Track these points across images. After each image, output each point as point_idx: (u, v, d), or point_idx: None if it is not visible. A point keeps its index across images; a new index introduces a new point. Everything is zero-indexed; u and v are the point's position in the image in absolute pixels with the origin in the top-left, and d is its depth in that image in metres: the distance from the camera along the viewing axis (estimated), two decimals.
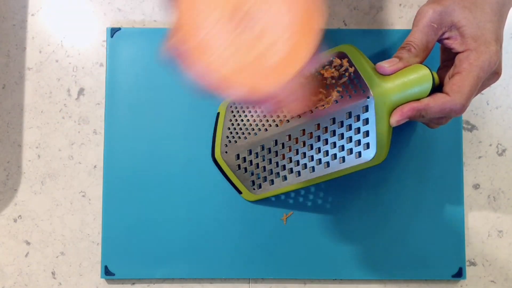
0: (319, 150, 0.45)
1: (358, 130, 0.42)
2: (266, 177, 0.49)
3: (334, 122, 0.44)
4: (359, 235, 0.53)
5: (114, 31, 0.55)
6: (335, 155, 0.44)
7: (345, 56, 0.43)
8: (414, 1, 0.56)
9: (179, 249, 0.53)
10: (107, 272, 0.53)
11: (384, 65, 0.41)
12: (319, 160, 0.45)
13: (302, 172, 0.46)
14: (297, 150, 0.46)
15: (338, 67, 0.43)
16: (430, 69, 0.40)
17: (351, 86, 0.42)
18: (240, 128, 0.50)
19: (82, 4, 0.56)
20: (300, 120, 0.45)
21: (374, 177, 0.53)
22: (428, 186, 0.53)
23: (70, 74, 0.56)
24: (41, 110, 0.55)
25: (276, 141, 0.47)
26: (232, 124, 0.51)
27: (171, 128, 0.54)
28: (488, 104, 0.55)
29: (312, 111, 0.44)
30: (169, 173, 0.53)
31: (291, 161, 0.47)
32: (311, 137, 0.45)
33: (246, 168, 0.50)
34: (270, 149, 0.48)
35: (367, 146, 0.42)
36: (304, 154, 0.46)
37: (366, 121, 0.42)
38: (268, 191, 0.50)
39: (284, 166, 0.48)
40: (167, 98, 0.54)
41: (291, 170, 0.47)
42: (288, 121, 0.45)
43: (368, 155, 0.42)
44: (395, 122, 0.41)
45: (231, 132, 0.51)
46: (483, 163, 0.55)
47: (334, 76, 0.43)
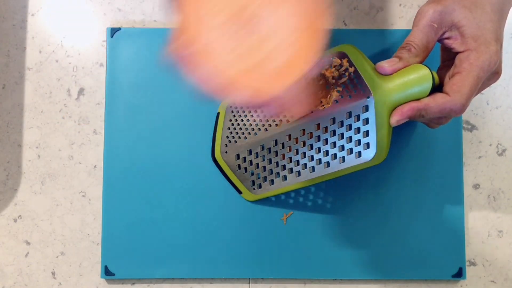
0: (319, 150, 0.45)
1: (358, 130, 0.42)
2: (266, 177, 0.49)
3: (334, 122, 0.44)
4: (359, 235, 0.53)
5: (114, 31, 0.55)
6: (335, 155, 0.44)
7: (345, 56, 0.43)
8: (414, 1, 0.56)
9: (179, 249, 0.53)
10: (107, 272, 0.53)
11: (384, 65, 0.41)
12: (319, 160, 0.45)
13: (302, 172, 0.46)
14: (297, 150, 0.46)
15: (338, 67, 0.43)
16: (430, 69, 0.40)
17: (351, 86, 0.42)
18: (240, 128, 0.50)
19: (82, 4, 0.56)
20: (300, 120, 0.45)
21: (374, 177, 0.53)
22: (428, 186, 0.53)
23: (70, 74, 0.56)
24: (41, 110, 0.55)
25: (276, 141, 0.47)
26: (232, 124, 0.51)
27: (171, 128, 0.54)
28: (488, 104, 0.55)
29: (312, 111, 0.44)
30: (169, 173, 0.53)
31: (291, 161, 0.47)
32: (311, 137, 0.45)
33: (246, 168, 0.50)
34: (270, 149, 0.48)
35: (367, 146, 0.42)
36: (304, 154, 0.46)
37: (366, 121, 0.42)
38: (268, 191, 0.50)
39: (284, 166, 0.48)
40: (167, 98, 0.54)
41: (291, 170, 0.47)
42: (288, 121, 0.45)
43: (368, 155, 0.42)
44: (395, 122, 0.41)
45: (231, 132, 0.51)
46: (483, 163, 0.55)
47: (334, 76, 0.43)
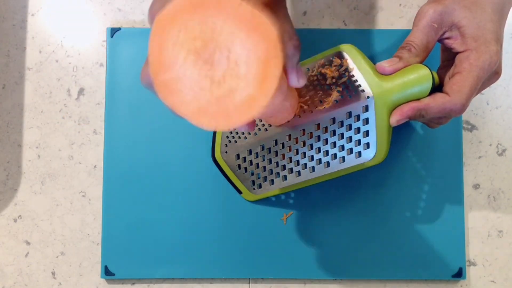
0: (319, 150, 0.45)
1: (358, 130, 0.42)
2: (266, 177, 0.49)
3: (334, 122, 0.44)
4: (359, 235, 0.53)
5: (114, 31, 0.55)
6: (335, 155, 0.44)
7: (345, 56, 0.43)
8: (414, 1, 0.56)
9: (179, 249, 0.53)
10: (107, 272, 0.53)
11: (384, 64, 0.41)
12: (319, 160, 0.45)
13: (302, 172, 0.46)
14: (297, 150, 0.46)
15: (338, 67, 0.43)
16: (430, 68, 0.40)
17: (351, 86, 0.42)
18: None
19: (82, 4, 0.56)
20: (300, 120, 0.45)
21: (374, 177, 0.53)
22: (428, 186, 0.53)
23: (70, 74, 0.56)
24: (41, 110, 0.55)
25: (276, 141, 0.47)
26: None
27: (171, 128, 0.54)
28: (488, 104, 0.55)
29: (312, 111, 0.44)
30: (169, 173, 0.53)
31: (291, 161, 0.47)
32: (311, 137, 0.45)
33: (246, 168, 0.50)
34: (270, 149, 0.48)
35: (367, 146, 0.42)
36: (304, 154, 0.46)
37: (366, 121, 0.42)
38: (268, 191, 0.50)
39: (284, 166, 0.48)
40: None
41: (291, 170, 0.47)
42: (288, 121, 0.45)
43: (368, 155, 0.42)
44: (395, 122, 0.41)
45: (231, 132, 0.51)
46: (483, 163, 0.55)
47: (334, 76, 0.43)
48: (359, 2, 0.56)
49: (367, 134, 0.42)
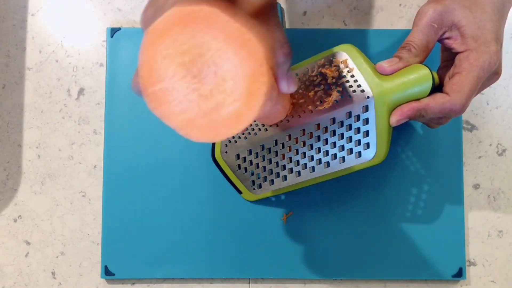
0: (319, 150, 0.45)
1: (358, 130, 0.42)
2: (266, 177, 0.49)
3: (334, 122, 0.44)
4: (359, 235, 0.53)
5: (114, 31, 0.55)
6: (335, 155, 0.44)
7: (345, 56, 0.43)
8: (414, 1, 0.56)
9: (179, 249, 0.53)
10: (107, 272, 0.53)
11: (384, 64, 0.41)
12: (319, 160, 0.45)
13: (302, 172, 0.46)
14: (297, 150, 0.46)
15: (338, 67, 0.43)
16: (430, 69, 0.40)
17: (351, 86, 0.42)
18: None
19: (82, 4, 0.56)
20: (300, 120, 0.45)
21: (374, 177, 0.53)
22: (428, 186, 0.53)
23: (70, 74, 0.56)
24: (41, 110, 0.55)
25: (276, 141, 0.47)
26: None
27: (171, 128, 0.54)
28: (488, 104, 0.55)
29: (312, 111, 0.44)
30: (169, 173, 0.53)
31: (291, 161, 0.47)
32: (311, 137, 0.45)
33: (246, 168, 0.50)
34: (270, 149, 0.48)
35: (367, 146, 0.42)
36: (304, 154, 0.46)
37: (366, 121, 0.42)
38: (268, 191, 0.50)
39: (284, 166, 0.48)
40: None
41: (291, 170, 0.47)
42: (288, 121, 0.46)
43: (368, 155, 0.42)
44: (395, 122, 0.41)
45: None
46: (483, 163, 0.55)
47: (334, 76, 0.43)
48: (359, 2, 0.56)
49: (367, 134, 0.42)
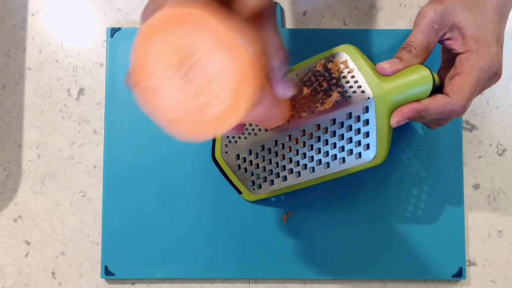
0: (319, 150, 0.45)
1: (358, 131, 0.42)
2: (266, 177, 0.49)
3: (334, 123, 0.43)
4: (359, 235, 0.53)
5: (114, 31, 0.55)
6: (335, 155, 0.44)
7: (345, 56, 0.43)
8: (414, 1, 0.56)
9: (179, 249, 0.53)
10: (107, 272, 0.53)
11: (385, 65, 0.41)
12: (319, 161, 0.45)
13: (302, 172, 0.46)
14: (297, 151, 0.46)
15: (339, 67, 0.43)
16: (430, 70, 0.40)
17: (351, 86, 0.42)
18: None
19: (82, 4, 0.56)
20: (300, 120, 0.45)
21: (374, 176, 0.53)
22: (428, 186, 0.53)
23: (70, 74, 0.56)
24: (41, 110, 0.55)
25: (276, 141, 0.47)
26: None
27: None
28: (488, 104, 0.55)
29: (312, 112, 0.44)
30: (169, 173, 0.53)
31: (291, 161, 0.47)
32: (311, 137, 0.45)
33: (246, 168, 0.50)
34: (270, 149, 0.48)
35: (367, 147, 0.42)
36: (304, 154, 0.46)
37: (366, 122, 0.42)
38: (268, 191, 0.50)
39: (284, 167, 0.47)
40: None
41: (291, 171, 0.47)
42: (288, 121, 0.45)
43: (368, 156, 0.42)
44: (395, 123, 0.41)
45: None
46: (483, 163, 0.55)
47: (334, 76, 0.43)
48: (359, 2, 0.56)
49: (367, 135, 0.42)
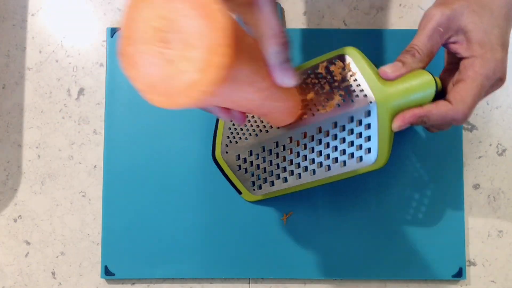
0: (320, 153, 0.45)
1: (360, 135, 0.42)
2: (266, 178, 0.49)
3: (336, 126, 0.43)
4: (359, 235, 0.53)
5: (114, 31, 0.55)
6: (336, 158, 0.44)
7: (348, 59, 0.42)
8: (414, 1, 0.56)
9: (179, 249, 0.53)
10: (107, 272, 0.53)
11: (387, 70, 0.41)
12: (320, 163, 0.45)
13: (303, 174, 0.46)
14: (298, 153, 0.46)
15: (341, 70, 0.43)
16: (433, 75, 0.40)
17: (354, 90, 0.42)
18: (241, 129, 0.50)
19: (82, 4, 0.56)
20: (301, 122, 0.45)
21: (374, 177, 0.53)
22: (428, 186, 0.53)
23: (70, 74, 0.56)
24: (41, 110, 0.55)
25: (277, 143, 0.47)
26: (233, 125, 0.50)
27: (171, 128, 0.54)
28: (488, 104, 0.55)
29: (314, 114, 0.44)
30: (169, 173, 0.53)
31: (291, 163, 0.47)
32: (313, 140, 0.45)
33: (246, 169, 0.50)
34: (271, 150, 0.47)
35: (369, 150, 0.42)
36: (305, 156, 0.45)
37: (368, 126, 0.41)
38: (268, 192, 0.50)
39: (284, 168, 0.47)
40: None
41: (292, 173, 0.47)
42: (290, 124, 0.45)
43: (370, 159, 0.42)
44: (396, 128, 0.40)
45: (231, 133, 0.51)
46: (483, 163, 0.55)
47: (337, 79, 0.43)
48: (359, 2, 0.56)
49: (368, 139, 0.42)
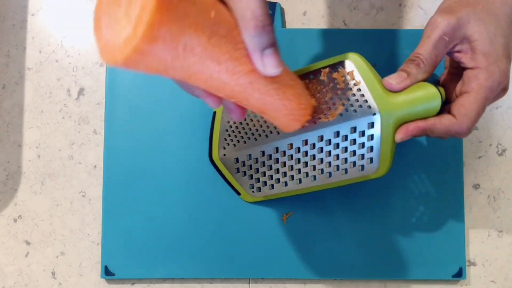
0: (321, 161, 0.44)
1: (363, 145, 0.41)
2: (266, 181, 0.49)
3: (338, 135, 0.42)
4: (359, 235, 0.53)
5: None
6: (337, 166, 0.43)
7: (351, 66, 0.42)
8: (414, 1, 0.56)
9: (179, 249, 0.53)
10: (107, 272, 0.53)
11: (392, 82, 0.40)
12: (321, 170, 0.44)
13: (304, 180, 0.46)
14: (298, 159, 0.45)
15: (344, 78, 0.42)
16: (436, 86, 0.40)
17: (357, 100, 0.41)
18: (239, 132, 0.49)
19: (82, 4, 0.56)
20: (302, 130, 0.44)
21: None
22: (428, 186, 0.53)
23: (70, 74, 0.56)
24: (41, 110, 0.55)
25: (277, 148, 0.46)
26: (230, 127, 0.50)
27: (171, 128, 0.54)
28: None
29: (315, 122, 0.43)
30: (169, 173, 0.53)
31: (292, 169, 0.46)
32: (314, 147, 0.44)
33: (245, 172, 0.50)
34: (270, 155, 0.47)
35: (371, 160, 0.41)
36: (306, 163, 0.45)
37: (371, 137, 0.41)
38: (268, 194, 0.49)
39: (285, 173, 0.47)
40: (167, 98, 0.54)
41: (292, 177, 0.46)
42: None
43: (371, 168, 0.42)
44: (399, 139, 0.40)
45: (229, 135, 0.50)
46: (483, 163, 0.55)
47: (340, 87, 0.42)
48: (359, 2, 0.56)
49: (371, 149, 0.41)
